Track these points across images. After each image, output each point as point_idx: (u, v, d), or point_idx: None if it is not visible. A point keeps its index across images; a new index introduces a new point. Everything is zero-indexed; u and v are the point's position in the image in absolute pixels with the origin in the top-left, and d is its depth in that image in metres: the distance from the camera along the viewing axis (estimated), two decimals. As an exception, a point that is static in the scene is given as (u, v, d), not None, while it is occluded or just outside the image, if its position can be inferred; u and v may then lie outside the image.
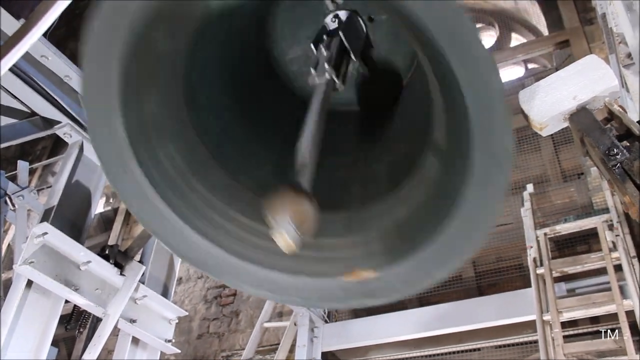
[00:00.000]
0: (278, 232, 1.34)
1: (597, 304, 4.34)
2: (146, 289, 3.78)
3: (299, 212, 1.36)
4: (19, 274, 3.21)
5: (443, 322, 5.45)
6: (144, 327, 3.74)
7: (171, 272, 4.17)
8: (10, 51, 1.48)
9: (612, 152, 1.78)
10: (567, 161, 6.36)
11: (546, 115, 2.05)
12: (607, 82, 1.97)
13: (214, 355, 7.10)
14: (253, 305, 7.12)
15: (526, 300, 4.76)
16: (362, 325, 5.94)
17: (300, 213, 1.36)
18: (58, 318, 3.38)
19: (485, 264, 6.14)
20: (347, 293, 1.74)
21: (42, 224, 3.31)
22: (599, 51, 6.20)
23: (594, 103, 1.97)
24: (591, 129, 1.88)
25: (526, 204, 5.33)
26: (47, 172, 10.74)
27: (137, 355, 3.80)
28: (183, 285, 7.91)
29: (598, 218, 4.81)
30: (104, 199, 10.38)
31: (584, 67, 2.06)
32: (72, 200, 3.66)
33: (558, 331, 4.22)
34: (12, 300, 3.17)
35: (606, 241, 4.58)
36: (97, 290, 3.51)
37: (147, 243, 4.00)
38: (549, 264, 4.68)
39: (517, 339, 5.29)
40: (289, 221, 1.34)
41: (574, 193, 5.77)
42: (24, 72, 3.52)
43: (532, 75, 7.99)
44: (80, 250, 3.43)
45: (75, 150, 3.81)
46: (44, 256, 3.24)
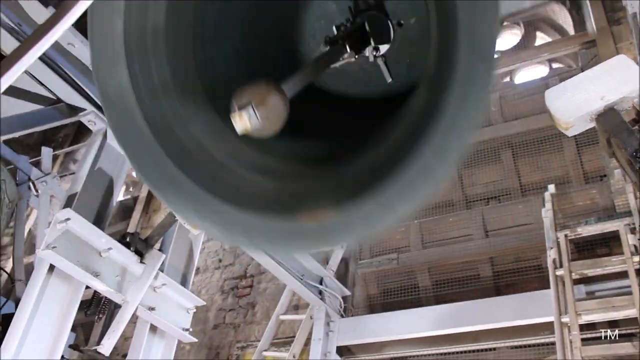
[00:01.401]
0: (237, 114, 1.34)
1: (616, 307, 4.29)
2: (165, 277, 3.81)
3: (265, 100, 1.36)
4: (41, 258, 3.26)
5: (459, 320, 5.43)
6: (162, 315, 3.77)
7: (190, 261, 4.20)
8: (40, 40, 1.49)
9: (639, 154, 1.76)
10: (590, 163, 6.29)
11: (573, 115, 2.03)
12: (636, 83, 1.95)
13: (229, 345, 7.14)
14: (269, 297, 7.15)
15: (544, 302, 4.73)
16: (378, 320, 5.93)
17: (265, 101, 1.36)
18: (78, 303, 3.42)
19: (503, 263, 6.10)
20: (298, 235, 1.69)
21: (65, 209, 3.35)
22: (626, 51, 6.11)
23: (622, 104, 1.95)
24: (618, 130, 1.86)
25: (547, 204, 5.28)
26: (68, 159, 10.85)
27: (154, 343, 3.83)
28: (200, 275, 7.95)
29: (620, 221, 4.75)
30: (123, 188, 10.47)
31: (612, 67, 2.04)
32: (95, 187, 3.70)
33: (576, 334, 4.18)
34: (34, 284, 3.22)
35: (628, 245, 4.52)
36: (117, 277, 3.55)
37: (167, 232, 4.03)
38: (568, 266, 4.64)
39: (534, 340, 5.25)
40: (252, 105, 1.34)
41: (596, 195, 5.70)
42: (51, 59, 3.56)
43: (556, 75, 7.89)
44: (101, 237, 3.47)
45: (99, 138, 3.84)
46: (66, 242, 3.28)
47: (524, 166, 6.65)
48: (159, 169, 1.77)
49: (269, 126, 1.40)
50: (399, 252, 6.45)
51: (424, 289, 6.31)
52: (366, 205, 1.56)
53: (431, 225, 6.55)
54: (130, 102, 1.72)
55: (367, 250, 6.79)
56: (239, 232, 1.75)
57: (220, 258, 7.99)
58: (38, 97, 3.85)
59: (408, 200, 1.53)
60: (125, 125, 1.76)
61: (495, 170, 6.76)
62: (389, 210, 1.54)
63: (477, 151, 6.83)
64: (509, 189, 6.63)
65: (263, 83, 1.41)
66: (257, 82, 1.40)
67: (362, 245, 6.85)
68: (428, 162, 1.47)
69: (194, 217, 1.81)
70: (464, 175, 6.97)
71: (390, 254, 6.49)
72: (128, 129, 1.76)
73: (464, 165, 6.97)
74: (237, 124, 1.37)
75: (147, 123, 1.74)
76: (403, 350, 5.86)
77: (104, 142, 3.85)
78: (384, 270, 6.55)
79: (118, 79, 1.70)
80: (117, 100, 1.73)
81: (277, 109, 1.40)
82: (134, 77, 1.71)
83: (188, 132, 1.85)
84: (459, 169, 6.93)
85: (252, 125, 1.35)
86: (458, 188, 6.94)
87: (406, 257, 6.39)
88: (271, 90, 1.40)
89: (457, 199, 6.95)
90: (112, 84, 1.71)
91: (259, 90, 1.39)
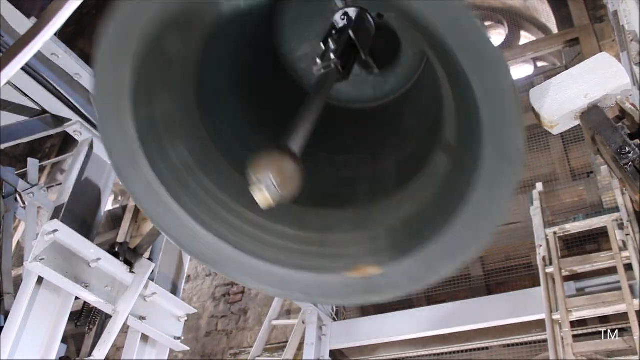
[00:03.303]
0: (257, 187, 1.34)
1: (606, 303, 4.32)
2: (156, 286, 3.79)
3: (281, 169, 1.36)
4: (29, 270, 3.23)
5: (451, 321, 5.44)
6: (154, 324, 3.75)
7: (180, 269, 4.19)
8: (22, 50, 1.48)
9: (624, 150, 1.77)
10: (577, 160, 6.33)
11: (557, 113, 2.04)
12: (619, 80, 1.96)
13: (222, 352, 7.12)
14: (261, 303, 7.13)
15: (535, 299, 4.75)
16: (370, 323, 5.94)
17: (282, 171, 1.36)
18: (68, 315, 3.39)
19: (494, 262, 6.13)
20: (349, 289, 1.74)
21: (52, 221, 3.32)
22: (609, 49, 6.16)
23: (606, 101, 1.97)
24: (603, 127, 1.88)
25: (535, 202, 5.30)
26: (56, 170, 10.79)
27: (146, 352, 3.81)
28: (192, 282, 7.93)
29: (608, 217, 4.79)
30: (112, 197, 10.42)
31: (595, 65, 2.05)
32: (82, 197, 3.68)
33: (567, 330, 4.20)
34: (23, 297, 3.19)
35: (616, 240, 4.55)
36: (107, 288, 3.53)
37: (157, 241, 4.01)
38: (558, 263, 4.66)
39: (525, 338, 5.27)
40: (270, 177, 1.34)
41: (583, 192, 5.74)
42: (35, 70, 3.54)
43: (541, 74, 7.95)
44: (90, 248, 3.44)
45: (85, 148, 3.82)
46: (54, 253, 3.25)
47: (512, 165, 6.68)
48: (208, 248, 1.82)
49: (288, 192, 1.41)
50: (390, 254, 6.45)
51: (415, 290, 6.31)
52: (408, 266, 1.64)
53: (421, 227, 6.55)
54: (161, 194, 1.75)
55: (357, 253, 6.79)
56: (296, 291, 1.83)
57: (210, 265, 7.96)
58: (23, 108, 3.82)
59: (448, 265, 1.60)
60: (162, 214, 1.79)
61: (483, 169, 6.79)
62: (431, 271, 1.62)
63: (465, 151, 6.85)
64: (498, 188, 6.65)
65: (275, 151, 1.41)
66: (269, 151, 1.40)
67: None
68: (460, 236, 1.54)
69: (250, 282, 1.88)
70: (452, 175, 6.99)
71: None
72: (167, 217, 1.79)
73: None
74: (258, 199, 1.38)
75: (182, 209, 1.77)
76: (396, 352, 5.86)
77: (90, 152, 3.83)
78: (375, 273, 6.54)
79: (144, 178, 1.71)
80: (149, 196, 1.75)
81: (294, 175, 1.40)
82: (158, 171, 1.72)
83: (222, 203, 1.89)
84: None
85: (272, 197, 1.36)
86: (447, 188, 6.96)
87: (397, 258, 6.39)
88: (285, 157, 1.39)
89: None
90: (140, 184, 1.73)
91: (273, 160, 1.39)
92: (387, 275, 1.68)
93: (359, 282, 1.71)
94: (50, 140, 11.02)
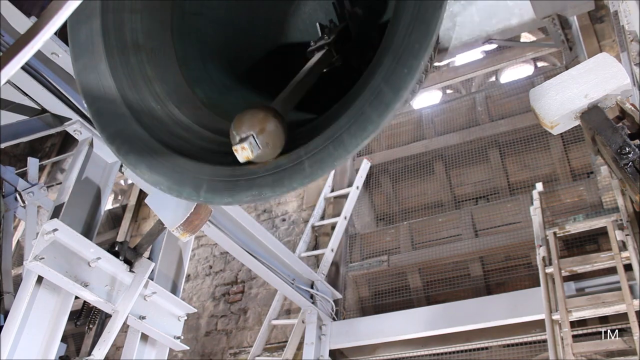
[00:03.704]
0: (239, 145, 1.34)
1: (606, 303, 4.32)
2: (155, 285, 3.79)
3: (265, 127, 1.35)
4: (29, 270, 3.23)
5: (451, 320, 5.44)
6: (153, 323, 3.75)
7: (180, 269, 4.18)
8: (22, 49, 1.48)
9: (624, 150, 1.77)
10: (577, 160, 6.34)
11: (557, 113, 2.04)
12: (619, 81, 1.96)
13: (221, 352, 7.11)
14: (261, 302, 7.13)
15: (535, 299, 4.75)
16: (370, 323, 5.94)
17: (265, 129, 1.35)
18: (68, 314, 3.39)
19: (493, 262, 6.13)
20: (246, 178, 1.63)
21: (52, 220, 3.32)
22: (609, 49, 6.16)
23: (606, 101, 1.97)
24: (603, 127, 1.88)
25: (535, 202, 5.31)
26: (56, 169, 10.79)
27: (146, 352, 3.81)
28: (191, 282, 7.93)
29: (608, 217, 4.79)
30: (112, 196, 10.42)
31: (595, 65, 2.05)
32: (82, 196, 3.68)
33: (567, 330, 4.20)
34: (23, 296, 3.19)
35: (616, 240, 4.55)
36: (107, 287, 3.53)
37: (156, 240, 4.01)
38: (558, 263, 4.66)
39: (525, 338, 5.27)
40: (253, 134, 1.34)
41: (583, 192, 5.74)
42: (35, 69, 3.54)
43: (541, 74, 7.94)
44: (90, 247, 3.44)
45: (85, 147, 3.82)
46: (54, 252, 3.25)
47: (512, 165, 6.69)
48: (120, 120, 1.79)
49: (270, 151, 1.40)
50: (390, 254, 6.46)
51: (415, 290, 6.32)
52: (314, 142, 1.55)
53: (421, 226, 6.56)
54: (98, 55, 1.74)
55: (357, 252, 6.80)
56: (189, 180, 1.73)
57: (210, 264, 7.97)
58: (23, 107, 3.83)
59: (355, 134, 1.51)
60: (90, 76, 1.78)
61: (483, 169, 6.80)
62: (338, 145, 1.53)
63: (465, 151, 6.87)
64: (497, 188, 6.66)
65: (260, 110, 1.40)
66: (254, 109, 1.39)
67: (352, 248, 6.86)
68: (377, 86, 1.47)
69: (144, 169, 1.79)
70: (452, 175, 7.00)
71: (381, 255, 6.50)
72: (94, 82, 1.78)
73: (452, 165, 7.00)
74: (239, 154, 1.36)
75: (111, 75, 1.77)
76: (396, 352, 5.86)
77: (90, 151, 3.83)
78: (374, 272, 6.55)
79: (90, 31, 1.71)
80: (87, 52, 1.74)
81: (277, 135, 1.40)
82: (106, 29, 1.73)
83: (154, 91, 1.88)
84: (447, 169, 6.96)
85: (254, 154, 1.35)
86: (447, 188, 6.97)
87: (396, 258, 6.40)
88: (269, 117, 1.39)
89: (446, 199, 6.98)
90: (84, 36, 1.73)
91: (257, 118, 1.38)
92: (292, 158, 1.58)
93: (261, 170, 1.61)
94: (50, 140, 11.02)
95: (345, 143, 1.50)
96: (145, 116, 1.80)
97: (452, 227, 6.38)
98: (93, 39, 1.72)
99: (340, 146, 1.51)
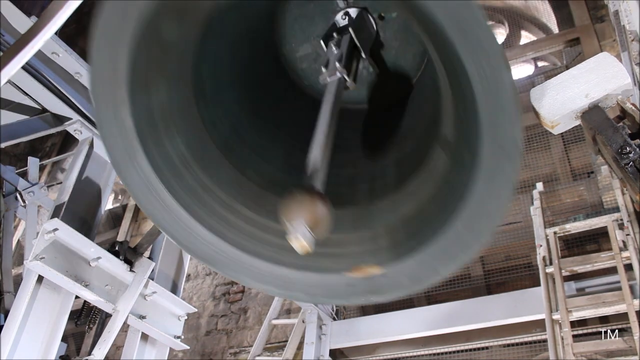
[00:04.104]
0: (294, 236, 1.34)
1: (607, 303, 4.32)
2: (156, 285, 3.79)
3: (314, 214, 1.35)
4: (29, 269, 3.23)
5: (451, 320, 5.44)
6: (154, 323, 3.75)
7: (180, 268, 4.18)
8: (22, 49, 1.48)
9: (625, 150, 1.77)
10: (577, 160, 6.33)
11: (558, 113, 2.04)
12: (620, 80, 1.96)
13: (222, 351, 7.12)
14: (261, 302, 7.13)
15: (535, 299, 4.75)
16: (370, 323, 5.94)
17: (314, 215, 1.35)
18: (68, 314, 3.39)
19: (494, 262, 6.13)
20: (352, 289, 1.73)
21: (52, 220, 3.32)
22: (609, 49, 6.16)
23: (606, 101, 1.96)
24: (603, 127, 1.88)
25: (536, 202, 5.30)
26: (56, 169, 10.79)
27: (146, 351, 3.81)
28: (191, 282, 7.93)
29: (608, 217, 4.78)
30: (112, 196, 10.42)
31: (596, 64, 2.05)
32: (82, 196, 3.68)
33: (567, 330, 4.20)
34: (23, 296, 3.19)
35: (616, 240, 4.55)
36: (107, 286, 3.53)
37: (157, 239, 4.01)
38: (558, 263, 4.66)
39: (525, 338, 5.27)
40: (304, 224, 1.34)
41: (583, 192, 5.74)
42: (35, 69, 3.54)
43: (542, 73, 7.95)
44: (90, 247, 3.44)
45: (85, 147, 3.82)
46: (54, 252, 3.25)
47: (512, 165, 6.67)
48: (207, 246, 1.80)
49: (323, 234, 1.41)
50: (390, 254, 6.44)
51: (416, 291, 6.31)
52: (408, 266, 1.64)
53: (421, 226, 6.55)
54: (158, 189, 1.72)
55: (357, 252, 6.79)
56: (298, 291, 1.82)
57: (211, 264, 7.96)
58: (23, 107, 3.83)
59: (449, 265, 1.59)
60: (160, 211, 1.77)
61: (484, 169, 6.78)
62: (432, 271, 1.61)
63: (465, 151, 6.85)
64: (498, 188, 6.65)
65: (306, 196, 1.39)
66: (299, 196, 1.39)
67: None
68: (460, 235, 1.53)
69: (254, 283, 1.86)
70: (452, 175, 6.99)
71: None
72: (164, 213, 1.77)
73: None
74: (296, 247, 1.37)
75: (180, 205, 1.75)
76: (396, 352, 5.86)
77: (90, 150, 3.83)
78: (375, 272, 6.54)
79: (141, 171, 1.69)
80: (146, 191, 1.72)
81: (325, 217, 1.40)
82: (155, 164, 1.70)
83: (218, 198, 1.87)
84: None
85: (309, 244, 1.36)
86: (447, 188, 6.96)
87: (397, 258, 6.39)
88: (316, 201, 1.38)
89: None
90: (136, 177, 1.70)
91: (305, 206, 1.37)
92: (389, 275, 1.67)
93: (360, 282, 1.71)
94: (50, 139, 11.02)
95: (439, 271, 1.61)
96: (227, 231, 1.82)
97: (452, 227, 6.37)
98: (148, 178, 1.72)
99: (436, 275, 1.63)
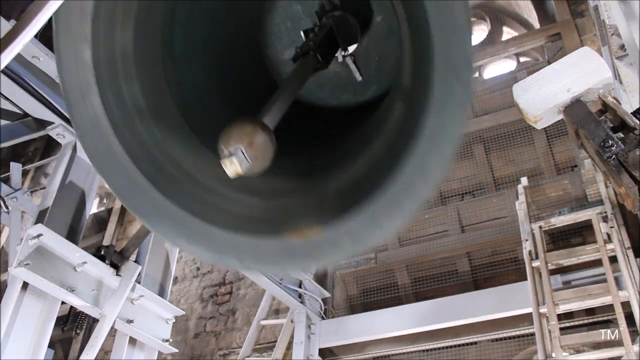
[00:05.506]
0: (228, 159, 1.32)
1: (592, 295, 4.35)
2: (142, 288, 3.77)
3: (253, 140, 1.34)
4: (14, 276, 3.20)
5: (439, 316, 5.46)
6: (141, 327, 3.73)
7: (167, 271, 4.17)
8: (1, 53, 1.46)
9: (607, 143, 1.79)
10: (561, 154, 6.38)
11: (540, 108, 2.06)
12: (601, 74, 1.98)
13: (211, 354, 7.09)
14: (249, 303, 7.11)
15: (522, 293, 4.77)
16: (359, 321, 5.94)
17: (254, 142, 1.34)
18: (54, 320, 3.37)
19: (480, 257, 6.16)
20: (288, 253, 1.67)
21: (36, 225, 3.29)
22: (590, 43, 6.21)
23: (588, 95, 1.98)
24: (586, 121, 1.89)
25: (520, 197, 5.33)
26: (39, 174, 10.68)
27: (134, 356, 3.79)
28: (179, 284, 7.89)
29: (592, 210, 4.82)
30: (97, 200, 10.34)
31: (577, 59, 2.07)
32: (66, 201, 3.65)
33: (555, 323, 4.23)
34: (8, 302, 3.16)
35: (601, 233, 4.58)
36: (94, 291, 3.50)
37: (143, 243, 3.99)
38: (544, 257, 4.69)
39: (513, 332, 5.29)
40: (242, 149, 1.32)
41: (568, 185, 5.78)
42: (16, 73, 3.51)
43: (524, 69, 7.99)
44: (75, 252, 3.42)
45: (68, 151, 3.79)
46: (39, 258, 3.23)
47: (496, 160, 6.72)
48: (142, 197, 1.74)
49: (259, 165, 1.38)
50: (377, 251, 6.46)
51: (403, 287, 6.34)
52: (352, 222, 1.55)
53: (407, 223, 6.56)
54: (105, 130, 1.68)
55: (345, 251, 6.79)
56: (229, 254, 1.73)
57: (198, 266, 7.93)
58: (4, 112, 3.79)
59: (394, 217, 1.52)
60: (103, 154, 1.72)
61: (469, 165, 6.82)
62: (375, 226, 1.54)
63: (450, 147, 6.87)
64: (483, 184, 6.69)
65: (248, 123, 1.38)
66: (241, 122, 1.37)
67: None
68: (410, 178, 1.46)
69: (183, 242, 1.79)
70: (437, 171, 7.00)
71: (368, 253, 6.50)
72: (106, 158, 1.72)
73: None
74: (228, 169, 1.35)
75: (125, 150, 1.70)
76: (385, 349, 5.87)
77: (74, 154, 3.80)
78: (362, 270, 6.56)
79: (91, 108, 1.65)
80: (92, 129, 1.68)
81: (266, 147, 1.38)
82: (107, 104, 1.66)
83: (168, 155, 1.82)
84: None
85: (243, 169, 1.33)
86: (432, 185, 6.97)
87: (384, 256, 6.41)
88: (257, 129, 1.37)
89: (432, 195, 6.99)
90: (85, 114, 1.66)
91: (245, 131, 1.36)
92: (329, 237, 1.59)
93: (298, 246, 1.64)
94: (33, 144, 10.91)
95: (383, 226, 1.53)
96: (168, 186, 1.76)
97: (438, 224, 6.40)
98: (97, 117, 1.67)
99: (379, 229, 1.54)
